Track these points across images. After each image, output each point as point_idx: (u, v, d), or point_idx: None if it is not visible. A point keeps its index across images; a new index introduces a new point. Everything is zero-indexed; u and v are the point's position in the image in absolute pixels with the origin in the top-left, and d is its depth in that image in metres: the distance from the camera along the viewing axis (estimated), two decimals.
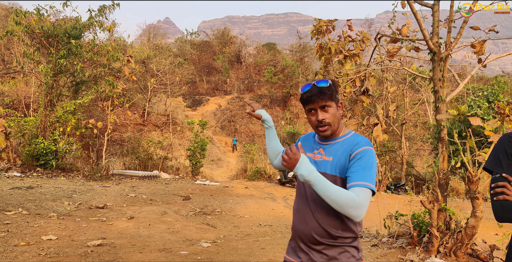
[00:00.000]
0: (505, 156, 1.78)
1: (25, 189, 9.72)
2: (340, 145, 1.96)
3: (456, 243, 5.10)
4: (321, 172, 1.93)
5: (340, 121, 2.01)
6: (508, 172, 1.75)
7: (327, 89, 1.94)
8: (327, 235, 1.88)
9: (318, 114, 1.95)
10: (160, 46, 36.47)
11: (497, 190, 1.71)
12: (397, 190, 15.62)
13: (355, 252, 1.92)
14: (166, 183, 14.33)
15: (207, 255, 5.24)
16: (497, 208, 1.71)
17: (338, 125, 1.99)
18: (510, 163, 1.76)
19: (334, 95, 1.97)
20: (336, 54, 8.35)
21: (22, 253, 4.86)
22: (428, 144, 19.41)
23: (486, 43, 6.19)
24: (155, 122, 26.88)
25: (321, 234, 1.89)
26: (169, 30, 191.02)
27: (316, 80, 1.98)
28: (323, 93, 1.92)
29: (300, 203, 2.02)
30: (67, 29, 14.88)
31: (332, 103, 1.96)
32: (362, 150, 1.86)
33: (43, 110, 14.81)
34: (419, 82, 21.35)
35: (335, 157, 1.93)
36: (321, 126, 1.95)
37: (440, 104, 5.66)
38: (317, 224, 1.90)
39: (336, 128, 1.98)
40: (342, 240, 1.90)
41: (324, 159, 1.97)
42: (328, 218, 1.90)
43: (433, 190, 5.44)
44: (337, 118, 1.97)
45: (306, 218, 1.94)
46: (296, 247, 2.00)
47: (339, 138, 2.01)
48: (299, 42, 39.79)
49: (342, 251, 1.89)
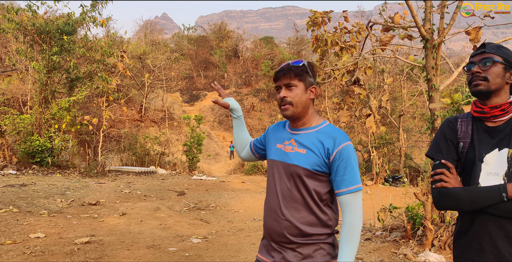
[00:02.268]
0: (445, 142, 1.70)
1: (18, 186, 9.62)
2: (314, 136, 1.83)
3: (450, 236, 4.99)
4: (293, 164, 1.80)
5: (308, 106, 1.87)
6: (447, 157, 1.66)
7: (295, 67, 1.83)
8: (300, 233, 1.77)
9: (281, 92, 1.85)
10: (157, 42, 36.22)
11: (436, 177, 1.64)
12: (395, 182, 15.53)
13: (330, 249, 1.81)
14: (163, 179, 14.24)
15: (195, 252, 5.13)
16: (435, 196, 1.63)
17: (303, 109, 1.85)
18: (449, 148, 1.69)
19: (304, 76, 1.84)
20: (332, 46, 8.20)
21: (6, 252, 4.75)
22: (426, 135, 19.28)
23: (485, 33, 6.05)
24: (152, 118, 26.76)
25: (294, 233, 1.77)
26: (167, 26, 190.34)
27: (293, 61, 1.89)
28: (289, 70, 1.83)
29: (271, 200, 1.89)
30: (60, 25, 14.70)
31: (299, 84, 1.84)
32: (342, 147, 1.75)
33: (38, 107, 14.69)
34: (417, 73, 21.16)
35: (309, 150, 1.80)
36: (283, 105, 1.85)
37: (433, 93, 5.53)
38: (289, 223, 1.78)
39: (299, 111, 1.85)
40: (316, 237, 1.78)
41: (296, 151, 1.83)
42: (299, 215, 1.78)
43: (427, 182, 5.32)
44: (302, 100, 1.84)
45: (277, 215, 1.82)
46: (269, 246, 1.88)
47: (311, 128, 1.87)
48: (296, 35, 39.53)
49: (317, 249, 1.77)
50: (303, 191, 1.78)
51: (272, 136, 2.02)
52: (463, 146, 1.67)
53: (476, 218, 1.57)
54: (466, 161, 1.66)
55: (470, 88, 1.65)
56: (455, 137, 1.70)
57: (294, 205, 1.79)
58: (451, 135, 1.70)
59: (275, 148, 1.95)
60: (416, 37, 6.32)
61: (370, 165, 15.84)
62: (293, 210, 1.79)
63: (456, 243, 1.69)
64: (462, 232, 1.64)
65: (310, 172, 1.77)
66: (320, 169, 1.77)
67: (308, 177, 1.77)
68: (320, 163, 1.76)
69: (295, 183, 1.80)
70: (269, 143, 2.03)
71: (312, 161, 1.77)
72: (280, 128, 2.02)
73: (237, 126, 2.27)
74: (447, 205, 1.59)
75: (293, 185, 1.80)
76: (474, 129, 1.67)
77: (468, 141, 1.66)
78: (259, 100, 35.12)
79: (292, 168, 1.81)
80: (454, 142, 1.69)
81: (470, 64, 1.67)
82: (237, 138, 2.29)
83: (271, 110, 34.04)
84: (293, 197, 1.79)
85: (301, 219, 1.76)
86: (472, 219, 1.59)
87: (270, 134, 2.06)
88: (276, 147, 1.94)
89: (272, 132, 2.05)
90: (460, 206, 1.56)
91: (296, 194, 1.79)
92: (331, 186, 1.81)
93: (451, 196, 1.57)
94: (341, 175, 1.73)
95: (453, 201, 1.56)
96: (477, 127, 1.66)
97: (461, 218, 1.67)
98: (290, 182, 1.81)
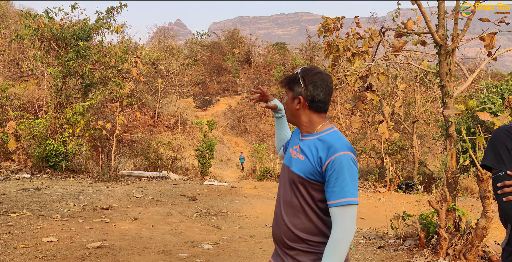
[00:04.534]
0: (506, 152, 1.63)
1: (32, 190, 9.74)
2: (313, 144, 1.80)
3: (466, 245, 4.88)
4: (292, 170, 1.82)
5: (296, 115, 1.88)
6: (510, 168, 1.60)
7: (289, 77, 1.87)
8: (297, 239, 1.76)
9: None
10: (171, 48, 36.57)
11: (506, 189, 1.57)
12: (408, 189, 15.32)
13: None
14: (175, 184, 14.29)
15: (206, 258, 5.11)
16: (507, 209, 1.57)
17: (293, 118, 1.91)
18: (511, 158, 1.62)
19: (291, 84, 1.85)
20: (344, 51, 8.17)
21: (19, 256, 4.80)
22: (440, 142, 19.02)
23: (500, 39, 5.96)
24: (165, 123, 26.94)
25: (291, 238, 1.77)
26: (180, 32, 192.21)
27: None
28: (284, 78, 1.89)
29: (276, 205, 1.93)
30: (76, 31, 14.96)
31: (289, 92, 1.88)
32: (336, 157, 1.68)
33: (53, 112, 14.91)
34: (431, 79, 20.93)
35: (306, 157, 1.79)
36: None
37: (447, 99, 5.44)
38: (286, 228, 1.79)
39: (289, 119, 1.93)
40: (314, 246, 1.75)
41: (297, 157, 1.84)
42: (298, 221, 1.77)
43: (441, 189, 5.23)
44: (289, 108, 1.88)
45: (278, 221, 1.85)
46: (278, 250, 1.90)
47: (314, 135, 1.85)
48: (308, 41, 39.55)
49: (315, 259, 1.74)
50: (300, 198, 1.78)
51: (291, 140, 2.08)
52: None
53: None
54: None
55: None
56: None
57: (293, 211, 1.80)
58: (510, 143, 1.64)
59: (288, 152, 1.98)
60: (429, 43, 6.26)
61: (384, 171, 15.67)
62: (292, 216, 1.79)
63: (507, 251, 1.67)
64: None
65: (303, 179, 1.76)
66: (313, 178, 1.74)
67: (302, 184, 1.77)
68: (313, 171, 1.74)
69: (292, 189, 1.81)
70: (287, 146, 2.11)
71: (305, 169, 1.76)
72: (296, 133, 2.05)
73: (282, 125, 2.32)
74: None
75: (292, 192, 1.81)
76: None
77: None
78: (272, 95, 35.19)
79: (291, 174, 1.83)
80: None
81: None
82: (279, 136, 2.34)
83: None
84: (291, 203, 1.80)
85: (298, 225, 1.76)
86: None
87: (292, 136, 2.10)
88: (288, 151, 1.99)
89: (293, 135, 2.09)
90: None
91: (294, 200, 1.80)
92: None
93: None
94: (331, 186, 1.68)
95: None
96: None
97: None
98: (290, 188, 1.83)
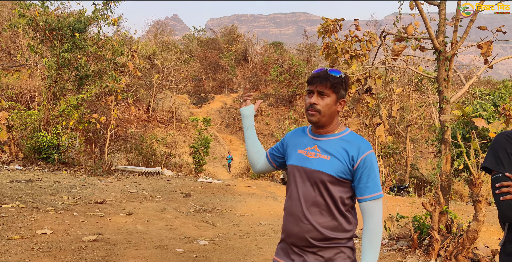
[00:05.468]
0: (506, 155, 1.76)
1: (25, 182, 9.69)
2: (338, 144, 1.88)
3: (457, 247, 4.98)
4: (317, 170, 1.85)
5: (334, 116, 1.92)
6: (509, 171, 1.73)
7: (333, 78, 1.87)
8: (322, 238, 1.81)
9: (313, 97, 1.88)
10: (167, 43, 36.42)
11: (504, 189, 1.69)
12: (400, 192, 15.47)
13: (350, 252, 1.87)
14: (169, 180, 14.28)
15: (203, 253, 5.16)
16: (504, 208, 1.68)
17: (329, 119, 1.90)
18: (510, 161, 1.75)
19: (338, 87, 1.88)
20: (343, 54, 8.23)
21: (14, 247, 4.80)
22: (433, 146, 19.22)
23: (494, 47, 6.04)
24: (159, 119, 26.88)
25: (316, 237, 1.81)
26: (177, 27, 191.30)
27: (330, 68, 1.93)
28: (326, 80, 1.86)
29: (292, 204, 1.93)
30: (72, 22, 14.82)
31: (332, 94, 1.88)
32: (366, 155, 1.82)
33: (46, 103, 14.79)
34: (425, 84, 21.15)
35: (333, 157, 1.85)
36: (311, 110, 1.88)
37: (444, 105, 5.54)
38: (311, 227, 1.82)
39: (325, 120, 1.90)
40: (337, 241, 1.83)
41: (320, 157, 1.88)
42: (323, 219, 1.83)
43: (435, 192, 5.32)
44: (330, 110, 1.89)
45: (299, 220, 1.86)
46: (289, 249, 1.92)
47: (334, 135, 1.92)
48: (306, 41, 39.63)
49: (338, 252, 1.83)
50: (327, 197, 1.83)
51: (292, 142, 2.06)
52: None
53: None
54: None
55: None
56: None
57: (317, 210, 1.84)
58: (510, 148, 1.76)
59: (296, 153, 1.98)
60: (428, 49, 6.34)
61: None
62: (316, 214, 1.83)
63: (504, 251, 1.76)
64: None
65: (335, 178, 1.82)
66: (344, 176, 1.83)
67: (332, 183, 1.82)
68: (344, 170, 1.82)
69: (318, 188, 1.84)
70: (289, 148, 2.05)
71: (336, 168, 1.82)
72: (300, 134, 2.06)
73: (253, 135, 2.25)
74: None
75: (317, 191, 1.85)
76: None
77: None
78: (267, 105, 35.18)
79: (316, 174, 1.85)
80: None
81: None
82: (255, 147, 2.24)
83: (279, 115, 34.07)
84: (316, 202, 1.83)
85: (323, 224, 1.81)
86: None
87: (289, 140, 2.09)
88: (297, 153, 1.98)
89: (291, 138, 2.09)
90: None
91: (319, 199, 1.84)
92: (352, 192, 1.87)
93: None
94: (365, 182, 1.80)
95: None
96: None
97: None
98: (314, 187, 1.85)
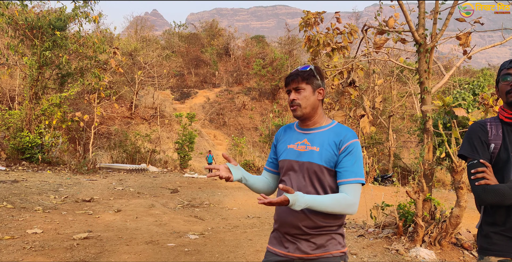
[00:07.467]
0: (480, 143, 1.90)
1: (10, 182, 9.59)
2: (326, 135, 1.98)
3: (440, 233, 5.17)
4: (308, 161, 1.94)
5: (316, 107, 2.02)
6: (483, 157, 1.87)
7: (303, 72, 2.00)
8: (315, 225, 1.91)
9: (291, 95, 2.02)
10: (148, 39, 36.02)
11: (478, 175, 1.82)
12: (384, 182, 15.79)
13: (340, 238, 1.98)
14: (154, 176, 14.27)
15: (194, 247, 5.24)
16: (479, 192, 1.82)
17: (312, 110, 2.01)
18: (484, 149, 1.89)
19: (311, 79, 2.00)
20: (324, 46, 8.33)
21: (6, 247, 4.80)
22: (415, 136, 19.60)
23: (472, 37, 6.22)
24: (142, 115, 26.65)
25: (309, 225, 1.91)
26: (157, 23, 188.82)
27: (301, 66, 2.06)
28: (297, 76, 2.00)
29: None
30: (52, 20, 14.59)
31: (307, 87, 2.00)
32: (350, 143, 1.92)
33: (28, 103, 14.57)
34: (406, 74, 21.48)
35: (322, 147, 1.94)
36: (292, 106, 2.02)
37: (425, 95, 5.70)
38: (304, 215, 1.91)
39: (308, 112, 2.01)
40: (328, 228, 1.93)
41: (310, 149, 1.97)
42: None
43: (418, 181, 5.49)
44: (310, 101, 2.00)
45: (293, 210, 1.92)
46: (282, 238, 2.01)
47: (323, 127, 2.02)
48: (287, 35, 39.66)
49: (329, 239, 1.93)
50: (318, 186, 1.93)
51: (282, 139, 2.15)
52: (494, 147, 1.89)
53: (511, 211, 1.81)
54: (497, 161, 1.88)
55: (507, 98, 1.87)
56: (486, 138, 1.91)
57: None
58: (484, 136, 1.90)
59: (287, 148, 2.07)
60: (409, 41, 6.49)
61: None
62: None
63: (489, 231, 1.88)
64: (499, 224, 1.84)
65: (325, 168, 1.92)
66: (333, 164, 1.93)
67: (323, 173, 1.92)
68: (331, 157, 1.92)
69: (310, 179, 1.94)
70: (280, 146, 2.14)
71: (326, 158, 1.92)
72: (288, 131, 2.16)
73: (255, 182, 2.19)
74: (492, 200, 1.77)
75: (308, 181, 1.94)
76: (505, 132, 1.89)
77: (500, 142, 1.88)
78: (250, 99, 35.17)
79: (307, 165, 1.94)
80: (486, 143, 1.90)
81: (506, 76, 1.88)
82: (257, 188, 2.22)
83: (262, 109, 34.13)
84: (308, 192, 1.92)
85: (315, 212, 1.90)
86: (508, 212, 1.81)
87: (280, 139, 2.18)
88: (287, 148, 2.06)
89: (281, 137, 2.18)
90: (504, 201, 1.76)
91: (311, 189, 1.93)
92: None
93: (497, 192, 1.76)
94: (349, 166, 1.89)
95: (499, 196, 1.76)
96: (507, 131, 1.89)
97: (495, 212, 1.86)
98: (305, 178, 1.95)
